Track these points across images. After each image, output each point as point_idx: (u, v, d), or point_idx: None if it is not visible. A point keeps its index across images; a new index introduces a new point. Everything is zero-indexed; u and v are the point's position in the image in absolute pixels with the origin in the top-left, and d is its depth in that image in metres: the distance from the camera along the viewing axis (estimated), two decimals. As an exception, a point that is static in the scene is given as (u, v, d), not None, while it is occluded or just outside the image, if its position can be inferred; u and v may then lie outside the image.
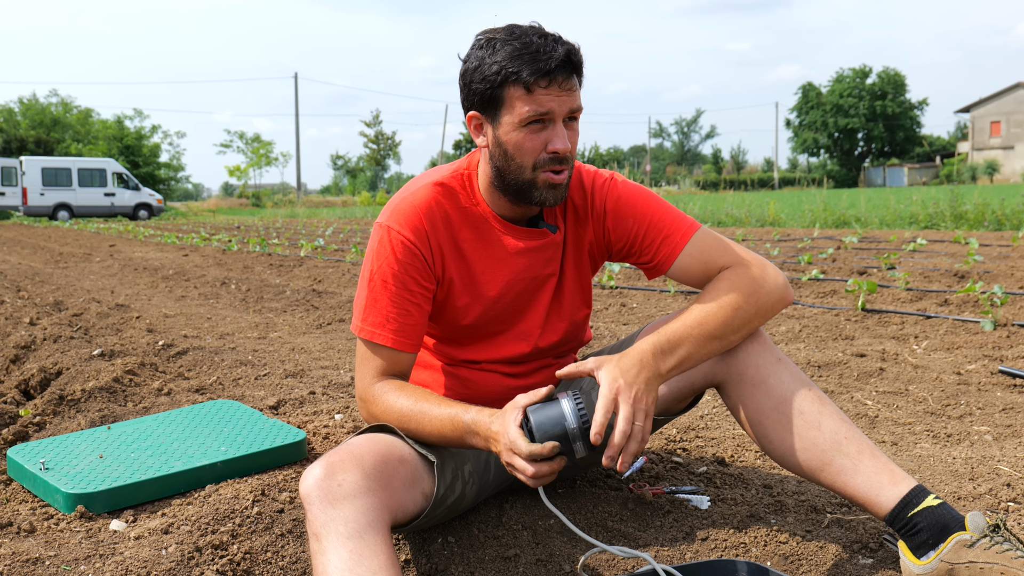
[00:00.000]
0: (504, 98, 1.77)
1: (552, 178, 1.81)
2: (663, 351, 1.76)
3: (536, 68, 1.72)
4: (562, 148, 1.78)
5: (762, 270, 1.87)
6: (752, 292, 1.83)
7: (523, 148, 1.79)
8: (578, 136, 1.85)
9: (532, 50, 1.73)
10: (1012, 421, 2.88)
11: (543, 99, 1.75)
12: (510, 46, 1.74)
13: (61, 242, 16.12)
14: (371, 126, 67.07)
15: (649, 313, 5.57)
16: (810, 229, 14.34)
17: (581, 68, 1.79)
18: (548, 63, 1.72)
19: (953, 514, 1.66)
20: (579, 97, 1.81)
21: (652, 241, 1.94)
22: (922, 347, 4.19)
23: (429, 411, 1.76)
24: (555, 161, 1.79)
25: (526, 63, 1.72)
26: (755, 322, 1.84)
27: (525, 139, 1.78)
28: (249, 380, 3.59)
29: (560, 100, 1.76)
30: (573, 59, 1.75)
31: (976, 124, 66.26)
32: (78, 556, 1.89)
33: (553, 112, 1.76)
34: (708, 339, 1.80)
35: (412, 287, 1.87)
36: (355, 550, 1.52)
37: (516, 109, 1.76)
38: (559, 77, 1.74)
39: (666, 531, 2.06)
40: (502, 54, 1.74)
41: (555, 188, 1.83)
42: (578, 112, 1.82)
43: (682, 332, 1.79)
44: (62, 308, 5.82)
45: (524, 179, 1.82)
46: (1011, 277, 6.43)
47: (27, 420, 3.02)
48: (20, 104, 51.13)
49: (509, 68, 1.73)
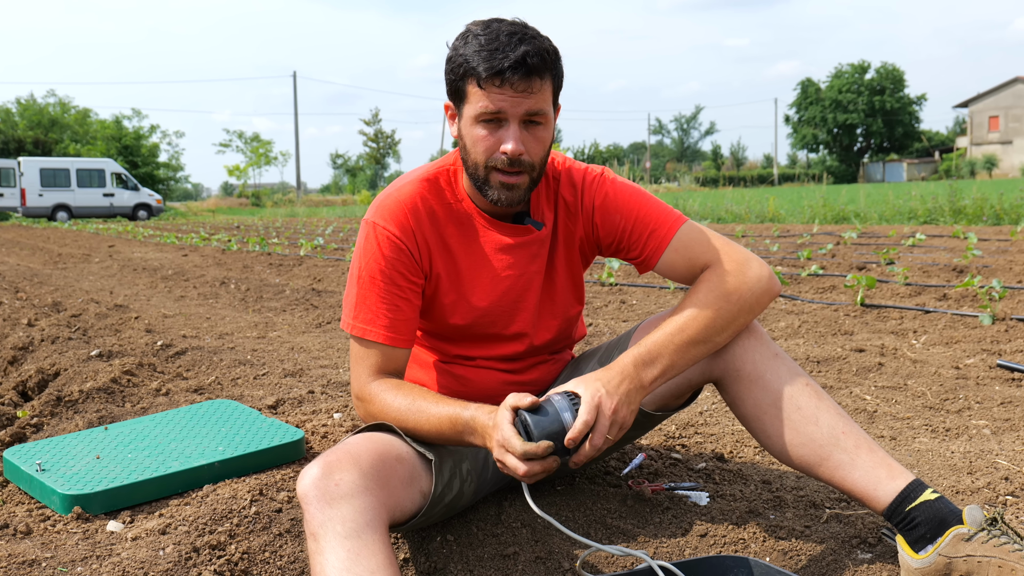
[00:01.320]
0: (465, 91, 1.77)
1: (503, 179, 1.80)
2: (644, 362, 1.76)
3: (490, 66, 1.71)
4: (511, 150, 1.75)
5: (742, 266, 1.85)
6: (732, 291, 1.82)
7: (477, 144, 1.79)
8: (543, 142, 1.81)
9: (492, 47, 1.71)
10: (1010, 415, 2.88)
11: (495, 97, 1.73)
12: (477, 40, 1.73)
13: (60, 243, 16.11)
14: (370, 124, 67.07)
15: (648, 310, 5.56)
16: (809, 225, 14.34)
17: (541, 70, 1.73)
18: (502, 62, 1.70)
19: (951, 508, 1.66)
20: (541, 101, 1.76)
21: (639, 236, 1.94)
22: (921, 342, 4.18)
23: (427, 409, 1.76)
24: (507, 163, 1.77)
25: (483, 59, 1.72)
26: (740, 320, 1.83)
27: (479, 136, 1.77)
28: (248, 380, 3.59)
29: (513, 101, 1.73)
30: (529, 61, 1.70)
31: (975, 119, 66.24)
32: (75, 557, 1.89)
33: (505, 112, 1.74)
34: (690, 345, 1.80)
35: (400, 282, 1.87)
36: (353, 549, 1.52)
37: (473, 104, 1.76)
38: (512, 77, 1.71)
39: (665, 527, 2.05)
40: (470, 47, 1.74)
41: (509, 189, 1.81)
42: (539, 116, 1.77)
43: (662, 341, 1.79)
44: (60, 309, 5.81)
45: (479, 175, 1.82)
46: (1009, 271, 6.43)
47: (24, 421, 3.02)
48: (18, 104, 51.14)
49: (469, 63, 1.73)
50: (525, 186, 1.82)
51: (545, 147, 1.82)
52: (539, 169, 1.84)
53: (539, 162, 1.82)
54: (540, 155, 1.82)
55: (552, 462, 1.62)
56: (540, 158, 1.82)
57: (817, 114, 76.70)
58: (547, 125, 1.80)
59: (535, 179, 1.84)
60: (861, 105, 74.47)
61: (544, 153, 1.83)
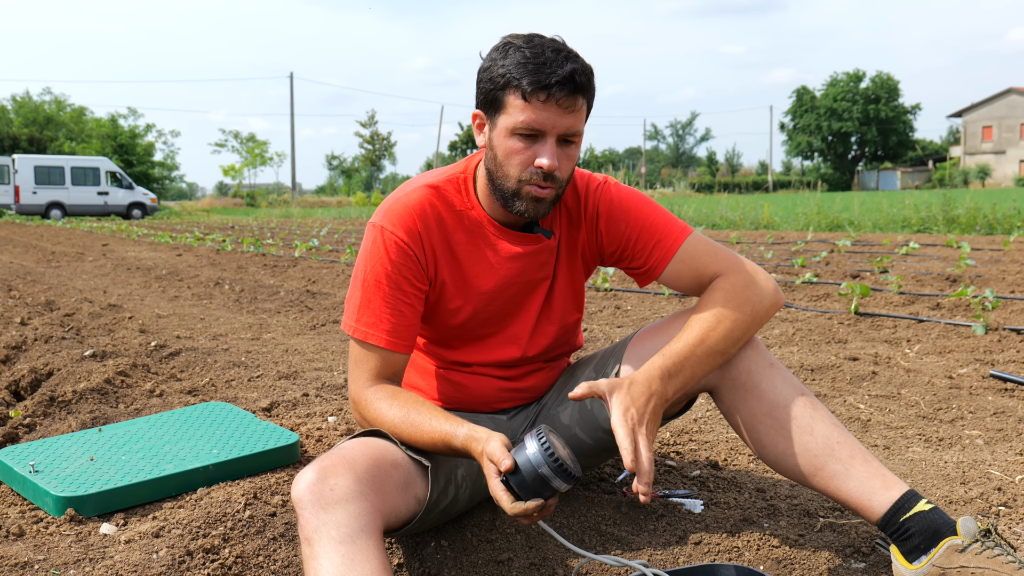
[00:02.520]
0: (503, 102, 1.76)
1: (536, 192, 1.80)
2: (670, 374, 1.76)
3: (537, 79, 1.70)
4: (548, 165, 1.75)
5: (754, 277, 1.88)
6: (746, 301, 1.84)
7: (511, 157, 1.78)
8: (573, 161, 1.82)
9: (539, 61, 1.71)
10: (1003, 425, 2.89)
11: (538, 112, 1.73)
12: (521, 53, 1.73)
13: (53, 241, 16.07)
14: (367, 126, 66.99)
15: (643, 316, 5.57)
16: (804, 232, 14.37)
17: (585, 90, 1.75)
18: (549, 77, 1.70)
19: (945, 519, 1.67)
20: (579, 120, 1.77)
21: (644, 246, 1.94)
22: (914, 351, 4.20)
23: (420, 424, 1.75)
24: (541, 177, 1.78)
25: (529, 72, 1.71)
26: (752, 330, 1.85)
27: (515, 148, 1.77)
28: (242, 382, 3.58)
29: (555, 117, 1.73)
30: (577, 79, 1.71)
31: (968, 129, 66.48)
32: (67, 560, 1.88)
33: (545, 127, 1.74)
34: (711, 355, 1.81)
35: (405, 287, 1.86)
36: (347, 555, 1.52)
37: (511, 116, 1.75)
38: (558, 93, 1.71)
39: (659, 535, 2.06)
40: (512, 59, 1.74)
41: (538, 202, 1.81)
42: (575, 136, 1.78)
43: (686, 352, 1.79)
44: (54, 308, 5.80)
45: (509, 187, 1.81)
46: (1002, 281, 6.45)
47: (17, 422, 3.01)
48: (13, 102, 51.06)
49: (512, 74, 1.73)
50: (551, 199, 1.83)
51: (574, 165, 1.84)
52: (565, 186, 1.85)
53: (567, 181, 1.83)
54: (568, 173, 1.83)
55: (551, 504, 1.62)
56: (568, 176, 1.83)
57: (812, 122, 76.92)
58: (578, 145, 1.82)
59: (560, 195, 1.85)
60: (856, 113, 74.70)
61: (571, 172, 1.85)
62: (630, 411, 1.69)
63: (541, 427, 1.63)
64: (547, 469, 1.58)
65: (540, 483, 1.59)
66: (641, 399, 1.71)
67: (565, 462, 1.59)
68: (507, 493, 1.59)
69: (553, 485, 1.59)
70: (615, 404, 1.70)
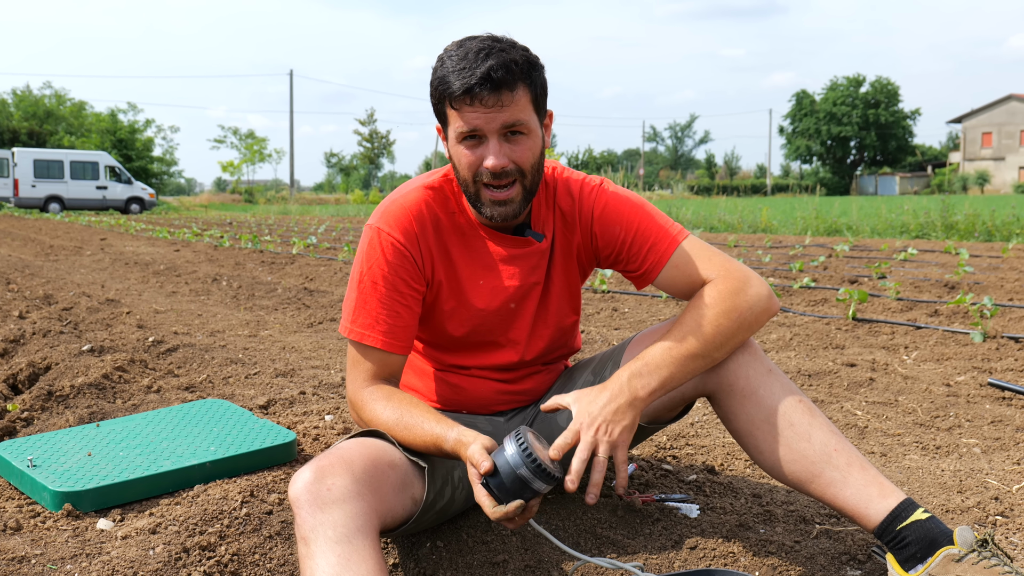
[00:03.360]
0: (445, 113, 1.79)
1: (494, 195, 1.81)
2: (640, 374, 1.78)
3: (458, 86, 1.72)
4: (492, 165, 1.76)
5: (743, 283, 1.86)
6: (733, 308, 1.83)
7: (462, 162, 1.80)
8: (530, 150, 1.80)
9: (460, 67, 1.72)
10: (1000, 434, 2.89)
11: (468, 116, 1.74)
12: (451, 60, 1.74)
13: (52, 235, 16.05)
14: (365, 124, 66.93)
15: (641, 318, 5.57)
16: (802, 236, 14.38)
17: (510, 82, 1.72)
18: (468, 80, 1.71)
19: (941, 528, 1.67)
20: (517, 111, 1.75)
21: (639, 249, 1.93)
22: (912, 358, 4.20)
23: (413, 426, 1.75)
24: (492, 176, 1.78)
25: (452, 80, 1.73)
26: (739, 337, 1.84)
27: (463, 154, 1.79)
28: (239, 379, 3.58)
29: (486, 117, 1.74)
30: (494, 75, 1.70)
31: (968, 135, 66.56)
32: (64, 555, 1.88)
33: (481, 128, 1.75)
34: (689, 359, 1.81)
35: (402, 288, 1.87)
36: (343, 555, 1.52)
37: (452, 125, 1.78)
38: (480, 93, 1.71)
39: (655, 539, 2.06)
40: (444, 69, 1.75)
41: (501, 204, 1.82)
42: (519, 126, 1.77)
43: (661, 355, 1.80)
44: (52, 302, 5.79)
45: (471, 194, 1.83)
46: (1001, 289, 6.46)
47: (15, 416, 3.01)
48: (13, 95, 50.95)
49: (441, 86, 1.76)
50: (519, 198, 1.82)
51: (534, 155, 1.81)
52: (531, 177, 1.83)
53: (530, 169, 1.82)
54: (530, 162, 1.81)
55: (533, 506, 1.63)
56: (530, 165, 1.81)
57: (811, 126, 77.00)
58: (531, 134, 1.80)
59: (528, 188, 1.83)
60: (855, 118, 74.79)
61: (534, 160, 1.82)
62: (582, 415, 1.73)
63: (520, 428, 1.64)
64: (526, 470, 1.58)
65: (520, 485, 1.59)
66: (599, 401, 1.74)
67: (544, 463, 1.58)
68: (489, 497, 1.60)
69: (533, 487, 1.59)
70: (573, 411, 1.75)
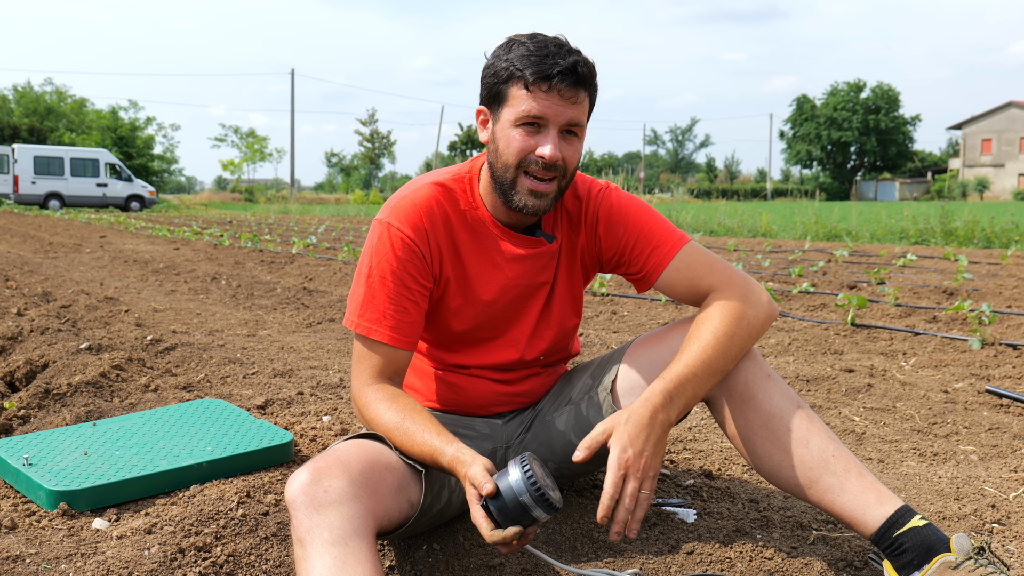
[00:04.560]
0: (507, 94, 1.79)
1: (535, 185, 1.81)
2: (672, 396, 1.77)
3: (539, 70, 1.73)
4: (550, 155, 1.77)
5: (748, 291, 1.87)
6: (743, 317, 1.83)
7: (512, 145, 1.79)
8: (577, 154, 1.83)
9: (542, 54, 1.74)
10: (998, 441, 2.89)
11: (540, 102, 1.75)
12: (525, 48, 1.76)
13: (51, 231, 16.04)
14: (367, 124, 66.92)
15: (640, 322, 5.57)
16: (801, 241, 14.39)
17: (587, 82, 1.78)
18: (552, 68, 1.73)
19: (939, 535, 1.67)
20: (581, 112, 1.80)
21: (641, 252, 1.94)
22: (910, 364, 4.20)
23: (412, 435, 1.75)
24: (541, 167, 1.79)
25: (532, 64, 1.74)
26: (748, 346, 1.85)
27: (516, 138, 1.79)
28: (237, 378, 3.58)
29: (557, 108, 1.76)
30: (579, 70, 1.75)
31: (967, 141, 66.63)
32: (59, 555, 1.87)
33: (547, 117, 1.76)
34: (711, 375, 1.81)
35: (410, 284, 1.86)
36: (339, 557, 1.52)
37: (514, 106, 1.78)
38: (560, 84, 1.74)
39: (651, 544, 2.05)
40: (516, 54, 1.77)
41: (537, 196, 1.82)
42: (577, 127, 1.80)
43: (687, 373, 1.79)
44: (50, 299, 5.78)
45: (508, 178, 1.83)
46: (999, 295, 6.46)
47: (11, 413, 3.00)
48: (14, 92, 50.93)
49: (516, 66, 1.76)
50: (553, 194, 1.84)
51: (578, 159, 1.85)
52: (568, 179, 1.86)
53: (570, 173, 1.85)
54: (573, 164, 1.84)
55: (530, 533, 1.63)
56: (572, 168, 1.84)
57: (812, 131, 77.07)
58: (581, 138, 1.84)
59: (562, 189, 1.86)
60: (856, 123, 74.86)
61: (576, 165, 1.86)
62: (627, 452, 1.70)
63: (525, 454, 1.64)
64: (528, 498, 1.58)
65: (520, 511, 1.59)
66: (641, 436, 1.72)
67: (547, 492, 1.58)
68: (487, 519, 1.60)
69: (533, 514, 1.59)
70: (613, 446, 1.71)
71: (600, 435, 1.75)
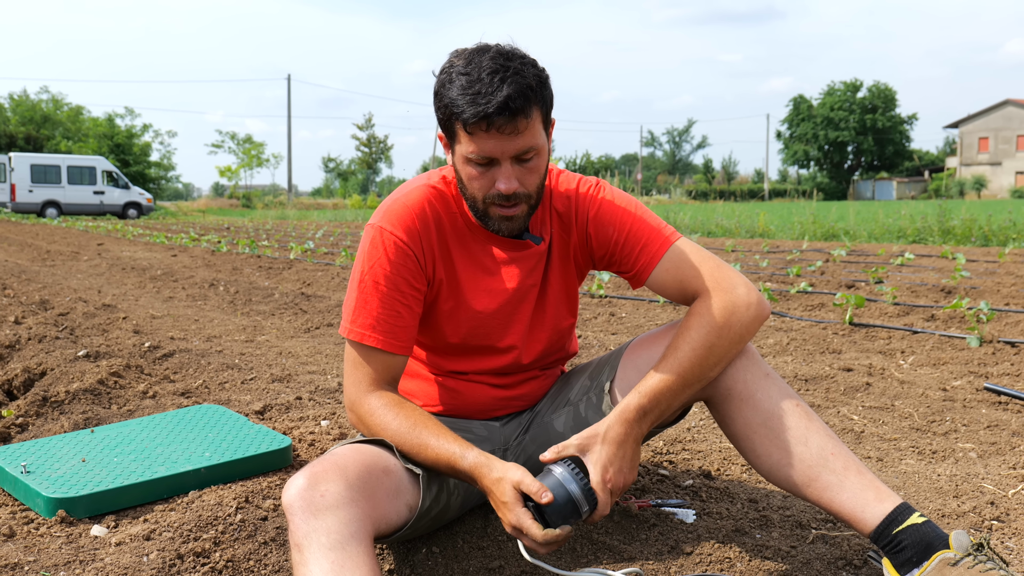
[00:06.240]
0: (455, 131, 1.76)
1: (503, 212, 1.81)
2: (645, 411, 1.80)
3: (475, 112, 1.68)
4: (505, 189, 1.76)
5: (732, 294, 1.84)
6: (725, 324, 1.82)
7: (472, 183, 1.80)
8: (537, 171, 1.80)
9: (475, 91, 1.68)
10: (996, 439, 2.89)
11: (482, 143, 1.72)
12: (461, 80, 1.70)
13: (49, 240, 16.03)
14: (363, 129, 66.91)
15: (638, 323, 5.57)
16: (799, 241, 14.39)
17: (528, 108, 1.70)
18: (486, 107, 1.67)
19: (938, 532, 1.67)
20: (530, 137, 1.73)
21: (631, 250, 1.93)
22: (908, 362, 4.20)
23: (426, 442, 1.75)
24: (503, 199, 1.78)
25: (468, 104, 1.68)
26: (732, 352, 1.84)
27: (473, 175, 1.78)
28: (235, 384, 3.57)
29: (502, 144, 1.72)
30: (512, 104, 1.67)
31: (964, 140, 66.74)
32: (58, 562, 1.87)
33: (494, 155, 1.73)
34: (688, 387, 1.82)
35: (404, 288, 1.86)
36: (337, 561, 1.51)
37: (463, 146, 1.76)
38: (498, 121, 1.68)
39: (651, 544, 2.05)
40: (454, 88, 1.71)
41: (509, 220, 1.83)
42: (530, 152, 1.76)
43: (662, 388, 1.80)
44: (48, 307, 5.78)
45: (479, 209, 1.84)
46: (997, 293, 6.46)
47: (9, 421, 3.00)
48: (10, 100, 50.97)
49: (454, 107, 1.71)
50: (523, 214, 1.84)
51: (540, 175, 1.82)
52: (536, 196, 1.84)
53: (535, 191, 1.83)
54: (536, 184, 1.82)
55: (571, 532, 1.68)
56: (536, 187, 1.82)
57: (809, 131, 77.20)
58: (540, 155, 1.79)
59: (533, 206, 1.85)
60: (852, 123, 75.00)
61: (540, 181, 1.83)
62: (608, 471, 1.75)
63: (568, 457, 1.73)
64: (580, 495, 1.68)
65: (571, 509, 1.68)
66: (617, 454, 1.76)
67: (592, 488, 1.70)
68: (536, 523, 1.63)
69: (582, 511, 1.69)
70: (592, 464, 1.74)
71: (574, 450, 1.76)
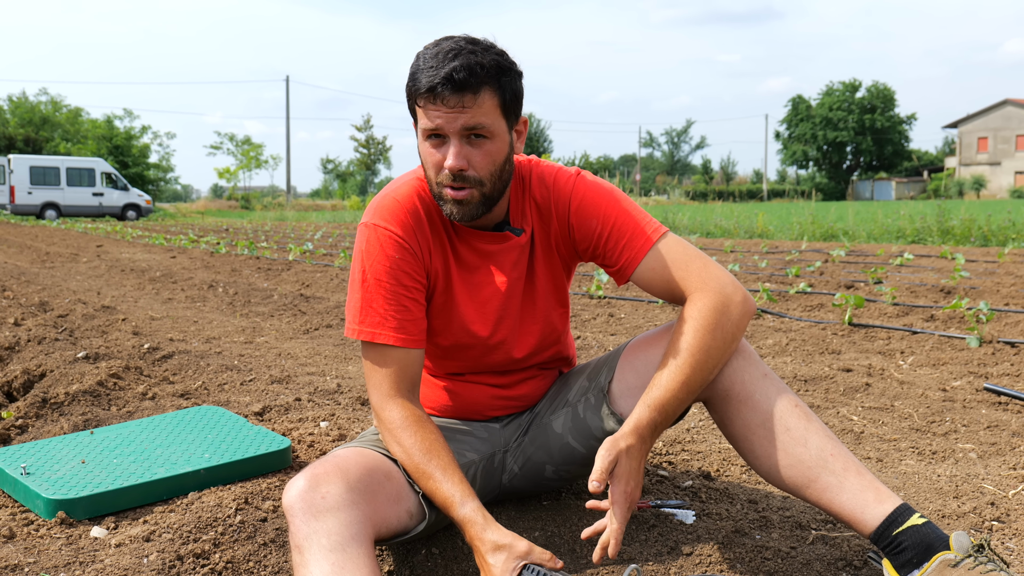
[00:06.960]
0: (415, 109, 1.80)
1: (451, 194, 1.79)
2: (657, 424, 1.80)
3: (425, 83, 1.72)
4: (451, 165, 1.74)
5: (720, 294, 1.83)
6: (716, 327, 1.81)
7: (427, 160, 1.80)
8: (491, 155, 1.77)
9: (429, 65, 1.73)
10: (996, 439, 2.89)
11: (432, 115, 1.74)
12: (422, 59, 1.76)
13: (48, 241, 16.03)
14: (362, 130, 66.93)
15: (637, 324, 5.57)
16: (798, 242, 14.40)
17: (475, 84, 1.71)
18: (432, 79, 1.71)
19: (938, 533, 1.67)
20: (480, 114, 1.73)
21: (615, 245, 1.90)
22: (908, 363, 4.20)
23: (432, 476, 1.73)
24: (450, 178, 1.77)
25: (420, 78, 1.74)
26: (728, 351, 1.83)
27: (428, 152, 1.79)
28: (234, 385, 3.57)
29: (448, 117, 1.72)
30: (456, 76, 1.69)
31: (963, 140, 66.76)
32: (58, 563, 1.87)
33: (442, 128, 1.74)
34: (691, 392, 1.82)
35: (407, 282, 1.85)
36: (337, 563, 1.52)
37: (420, 121, 1.79)
38: (443, 92, 1.70)
39: (651, 545, 2.05)
40: (415, 67, 1.76)
41: (459, 204, 1.79)
42: (481, 129, 1.74)
43: (668, 398, 1.80)
44: (47, 309, 5.78)
45: (435, 191, 1.83)
46: (996, 293, 6.47)
47: (9, 423, 3.00)
48: (9, 102, 50.96)
49: (410, 82, 1.77)
50: (476, 202, 1.80)
51: (495, 162, 1.79)
52: (490, 185, 1.80)
53: (488, 177, 1.79)
54: (489, 170, 1.78)
55: None
56: (489, 173, 1.78)
57: (807, 131, 77.22)
58: (495, 139, 1.77)
59: (487, 195, 1.81)
60: (851, 123, 75.03)
61: (495, 168, 1.79)
62: (629, 484, 1.75)
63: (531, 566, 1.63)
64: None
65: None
66: (638, 468, 1.77)
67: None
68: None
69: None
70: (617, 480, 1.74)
71: (608, 464, 1.72)
